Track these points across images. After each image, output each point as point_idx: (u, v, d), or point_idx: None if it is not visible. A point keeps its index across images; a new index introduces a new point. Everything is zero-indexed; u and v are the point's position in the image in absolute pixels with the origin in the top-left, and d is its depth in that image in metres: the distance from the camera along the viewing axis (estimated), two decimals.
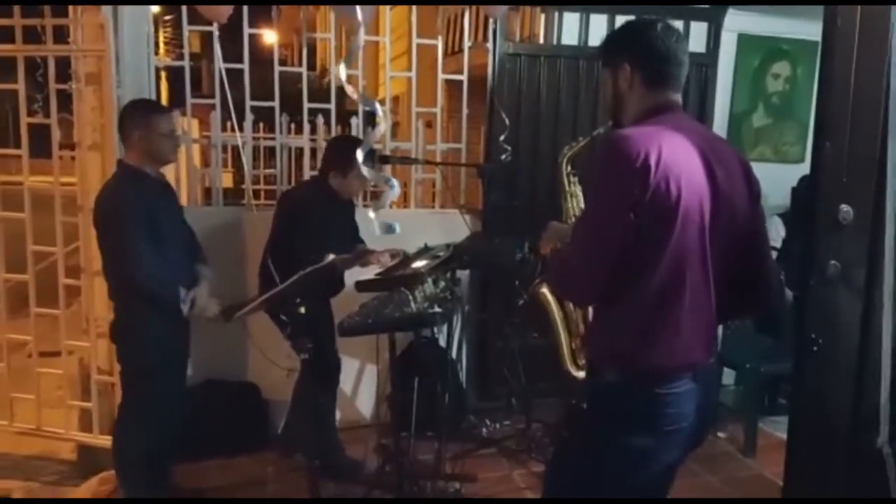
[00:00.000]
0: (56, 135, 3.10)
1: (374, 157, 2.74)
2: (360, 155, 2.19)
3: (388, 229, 1.85)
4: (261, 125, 5.67)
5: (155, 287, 2.44)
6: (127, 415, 2.63)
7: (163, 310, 2.46)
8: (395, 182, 2.44)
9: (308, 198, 2.97)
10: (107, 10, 2.95)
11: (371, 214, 1.84)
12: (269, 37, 4.31)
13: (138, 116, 2.50)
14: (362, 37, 1.76)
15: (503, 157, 3.65)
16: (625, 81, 1.57)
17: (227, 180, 5.76)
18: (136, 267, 2.41)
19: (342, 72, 1.77)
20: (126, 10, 3.04)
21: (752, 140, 4.26)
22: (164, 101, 7.86)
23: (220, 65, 3.42)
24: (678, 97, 1.57)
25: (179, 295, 2.46)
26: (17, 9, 2.96)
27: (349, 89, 1.80)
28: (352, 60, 2.18)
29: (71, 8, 3.01)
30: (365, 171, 2.44)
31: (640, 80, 1.55)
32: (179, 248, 2.59)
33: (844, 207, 1.51)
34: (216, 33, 3.39)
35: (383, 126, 1.94)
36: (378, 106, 1.86)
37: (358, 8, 2.10)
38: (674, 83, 1.56)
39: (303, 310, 2.34)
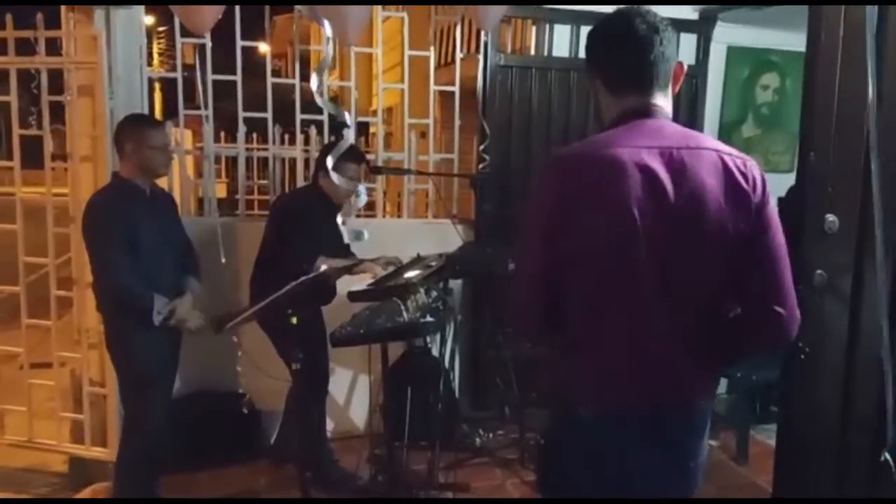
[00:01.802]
0: (49, 146, 3.10)
1: (342, 166, 2.76)
2: (329, 161, 2.23)
3: (358, 236, 1.90)
4: (254, 136, 5.67)
5: (124, 294, 2.46)
6: (125, 425, 2.64)
7: (136, 318, 2.46)
8: (362, 190, 2.49)
9: (300, 204, 2.96)
10: (99, 22, 2.97)
11: (339, 220, 1.88)
12: (263, 48, 4.33)
13: (131, 130, 2.53)
14: (330, 50, 1.80)
15: (481, 166, 3.67)
16: (594, 91, 1.45)
17: (220, 191, 5.75)
18: (108, 273, 2.46)
19: (313, 83, 1.81)
20: (119, 23, 3.06)
21: (742, 150, 4.27)
22: (157, 112, 7.87)
23: (209, 77, 3.43)
24: (651, 99, 1.37)
25: (153, 303, 2.45)
26: (9, 20, 2.96)
27: (319, 101, 1.85)
28: (321, 73, 2.22)
29: (63, 20, 3.02)
30: (335, 177, 2.47)
31: (602, 88, 1.42)
32: (165, 258, 2.58)
33: (830, 217, 1.53)
34: (209, 44, 3.40)
35: (352, 134, 1.99)
36: (346, 115, 1.91)
37: (325, 22, 2.15)
38: (640, 86, 1.37)
39: (294, 320, 2.34)
